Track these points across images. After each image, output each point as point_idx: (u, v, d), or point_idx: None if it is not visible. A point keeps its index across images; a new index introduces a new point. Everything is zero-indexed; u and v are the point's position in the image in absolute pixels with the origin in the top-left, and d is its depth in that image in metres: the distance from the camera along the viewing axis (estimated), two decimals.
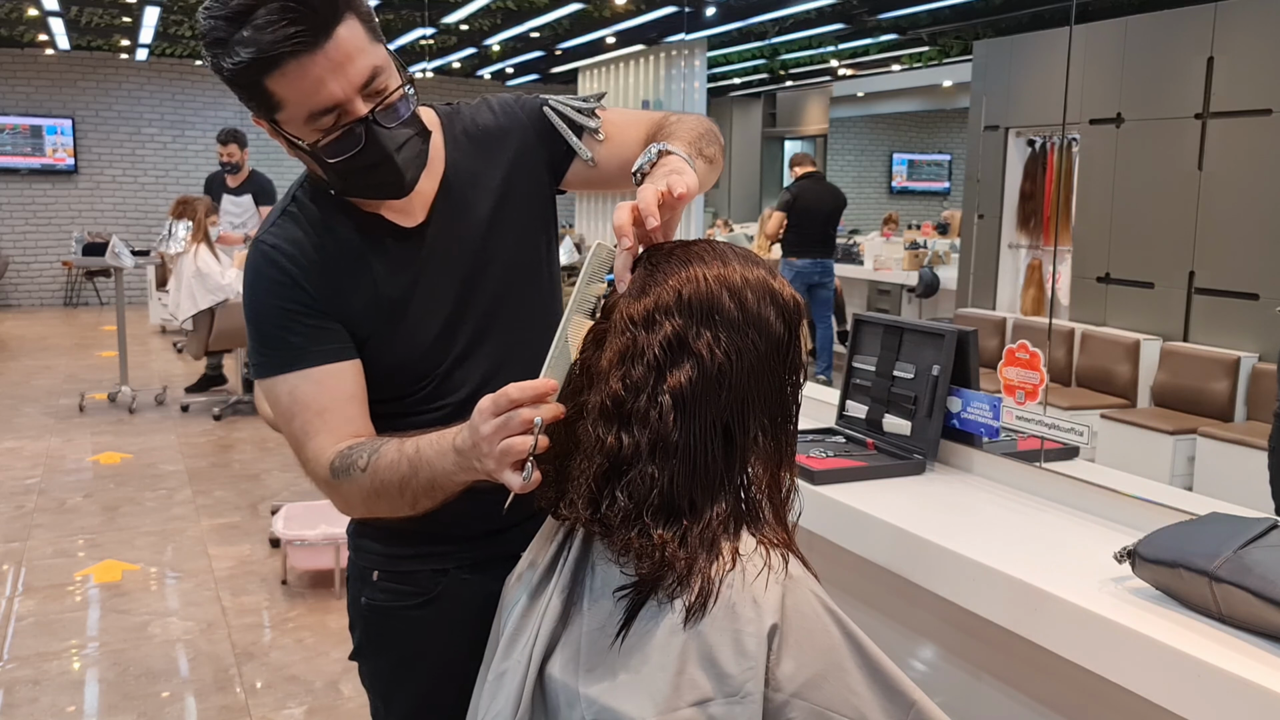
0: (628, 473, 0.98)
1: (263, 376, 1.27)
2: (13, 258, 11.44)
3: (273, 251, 1.25)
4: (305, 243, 1.25)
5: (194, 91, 11.87)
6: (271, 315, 1.24)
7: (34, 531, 4.34)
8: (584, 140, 1.38)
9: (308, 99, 1.12)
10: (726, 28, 8.11)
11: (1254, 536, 1.19)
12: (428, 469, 1.12)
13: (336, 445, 1.22)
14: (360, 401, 1.26)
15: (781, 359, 1.03)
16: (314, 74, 1.11)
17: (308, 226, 1.26)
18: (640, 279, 1.05)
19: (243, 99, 1.16)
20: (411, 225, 1.29)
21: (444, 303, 1.29)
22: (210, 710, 2.93)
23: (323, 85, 1.11)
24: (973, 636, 1.61)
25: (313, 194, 1.29)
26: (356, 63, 1.13)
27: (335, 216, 1.27)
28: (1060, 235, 5.40)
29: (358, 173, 1.19)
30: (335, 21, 1.10)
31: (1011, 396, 1.79)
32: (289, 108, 1.14)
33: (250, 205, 6.78)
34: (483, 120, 1.37)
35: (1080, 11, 4.75)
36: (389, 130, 1.17)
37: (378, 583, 1.38)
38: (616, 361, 1.01)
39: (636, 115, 1.41)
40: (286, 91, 1.12)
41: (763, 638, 0.94)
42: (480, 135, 1.35)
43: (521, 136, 1.37)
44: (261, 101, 1.14)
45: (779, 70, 10.61)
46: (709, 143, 1.30)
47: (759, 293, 1.02)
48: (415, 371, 1.29)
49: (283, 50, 1.09)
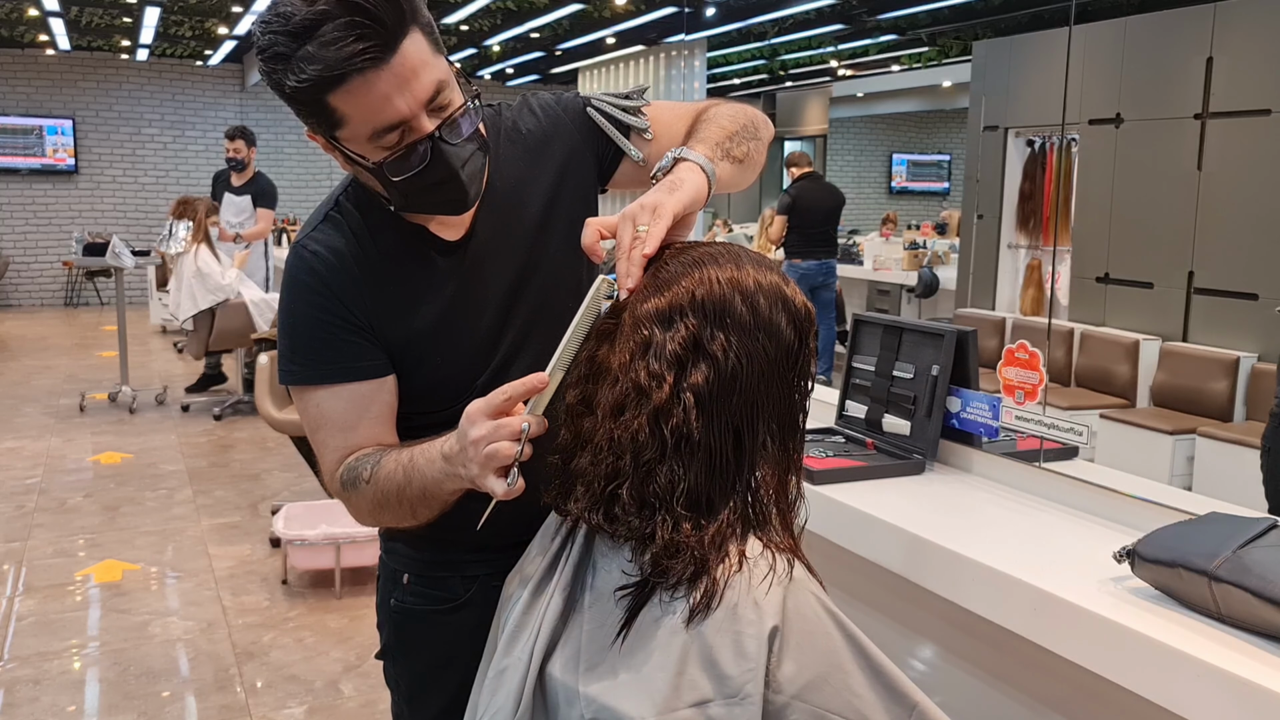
0: (650, 467, 0.98)
1: (291, 384, 1.24)
2: (13, 258, 11.44)
3: (313, 259, 1.21)
4: (346, 252, 1.22)
5: (194, 91, 11.87)
6: (307, 324, 1.21)
7: (34, 531, 4.34)
8: (633, 140, 1.33)
9: (373, 116, 1.08)
10: (726, 28, 8.11)
11: (1253, 536, 1.19)
12: (420, 477, 1.11)
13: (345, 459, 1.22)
14: (386, 420, 1.24)
15: (791, 365, 1.03)
16: (380, 90, 1.07)
17: (350, 234, 1.23)
18: (653, 277, 1.05)
19: (301, 115, 1.12)
20: (455, 239, 1.26)
21: (486, 315, 1.26)
22: (210, 710, 2.93)
23: (388, 102, 1.08)
24: (973, 636, 1.61)
25: (357, 200, 1.25)
26: (422, 77, 1.09)
27: (379, 227, 1.23)
28: (1059, 235, 5.41)
29: (421, 191, 1.16)
30: (401, 35, 1.07)
31: (1011, 396, 1.79)
32: (352, 124, 1.10)
33: (249, 206, 6.78)
34: (525, 124, 1.32)
35: (1080, 11, 4.76)
36: (454, 147, 1.14)
37: (408, 586, 1.36)
38: (636, 355, 1.00)
39: (679, 109, 1.36)
40: (350, 108, 1.08)
41: (763, 640, 0.94)
42: (523, 140, 1.31)
43: (567, 140, 1.32)
44: (323, 118, 1.10)
45: (779, 70, 10.61)
46: (741, 140, 1.26)
47: (771, 298, 1.02)
48: (456, 385, 1.25)
49: (350, 68, 1.05)
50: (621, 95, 1.35)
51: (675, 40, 7.94)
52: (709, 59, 8.22)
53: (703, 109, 1.32)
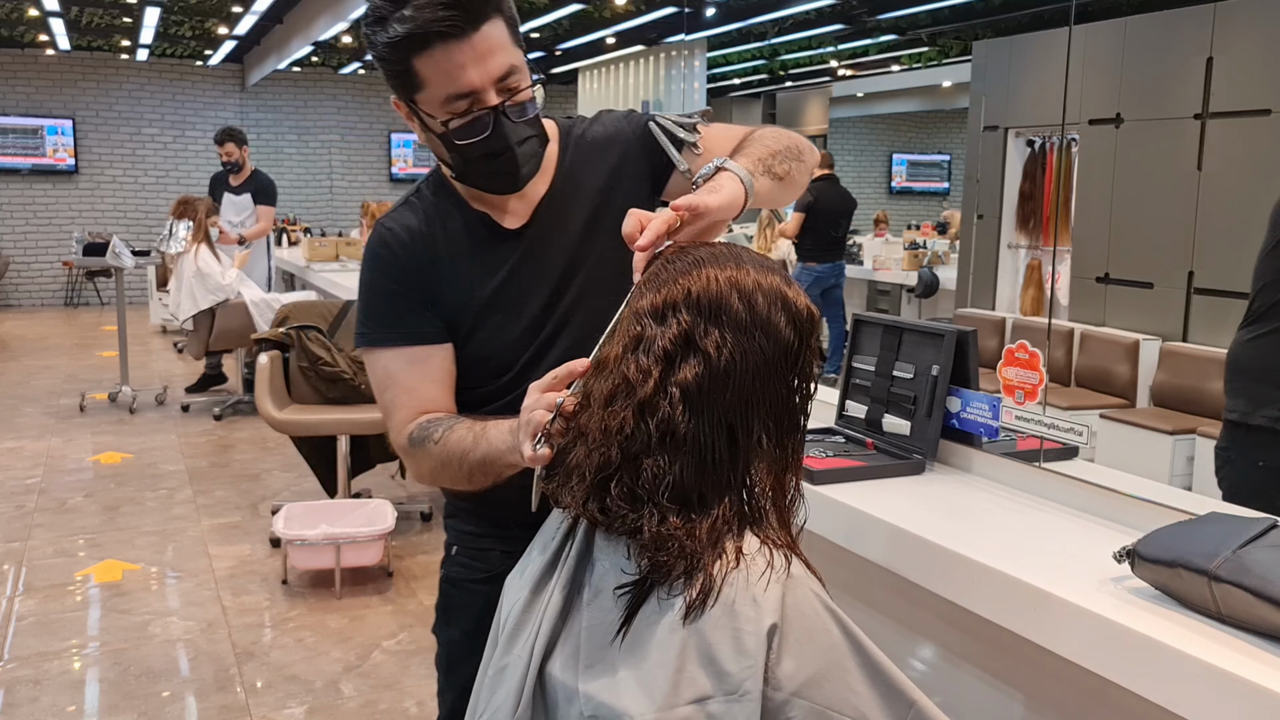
0: (637, 460, 0.99)
1: (363, 346, 1.39)
2: (13, 258, 11.44)
3: (389, 235, 1.37)
4: (418, 232, 1.37)
5: (194, 91, 11.87)
6: (378, 291, 1.37)
7: (34, 531, 4.34)
8: (683, 154, 1.45)
9: (448, 82, 1.23)
10: (726, 28, 8.11)
11: (1253, 536, 1.19)
12: (485, 445, 1.22)
13: (417, 419, 1.33)
14: (444, 384, 1.37)
15: (790, 366, 1.03)
16: (457, 60, 1.22)
17: (423, 216, 1.38)
18: (654, 274, 1.06)
19: (390, 78, 1.28)
20: (514, 227, 1.39)
21: (534, 300, 1.38)
22: (210, 710, 2.94)
23: (463, 71, 1.23)
24: (973, 636, 1.61)
25: (435, 188, 1.41)
26: (496, 57, 1.24)
27: (449, 211, 1.39)
28: (1060, 235, 5.40)
29: (479, 160, 1.30)
30: (484, 18, 1.23)
31: (1011, 396, 1.79)
32: (430, 88, 1.25)
33: (249, 205, 6.78)
34: (593, 132, 1.46)
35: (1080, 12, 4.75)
36: (514, 124, 1.28)
37: (455, 557, 1.50)
38: (629, 349, 1.03)
39: (732, 130, 1.47)
40: (430, 72, 1.23)
41: (762, 636, 0.94)
42: (589, 145, 1.44)
43: (625, 148, 1.45)
44: (406, 80, 1.26)
45: (779, 70, 10.60)
46: (784, 159, 1.35)
47: (770, 298, 1.03)
48: (500, 362, 1.38)
49: (434, 29, 1.20)
50: (685, 115, 1.49)
51: (675, 40, 7.95)
52: (709, 59, 8.22)
53: (750, 132, 1.43)
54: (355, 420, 4.17)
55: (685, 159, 1.44)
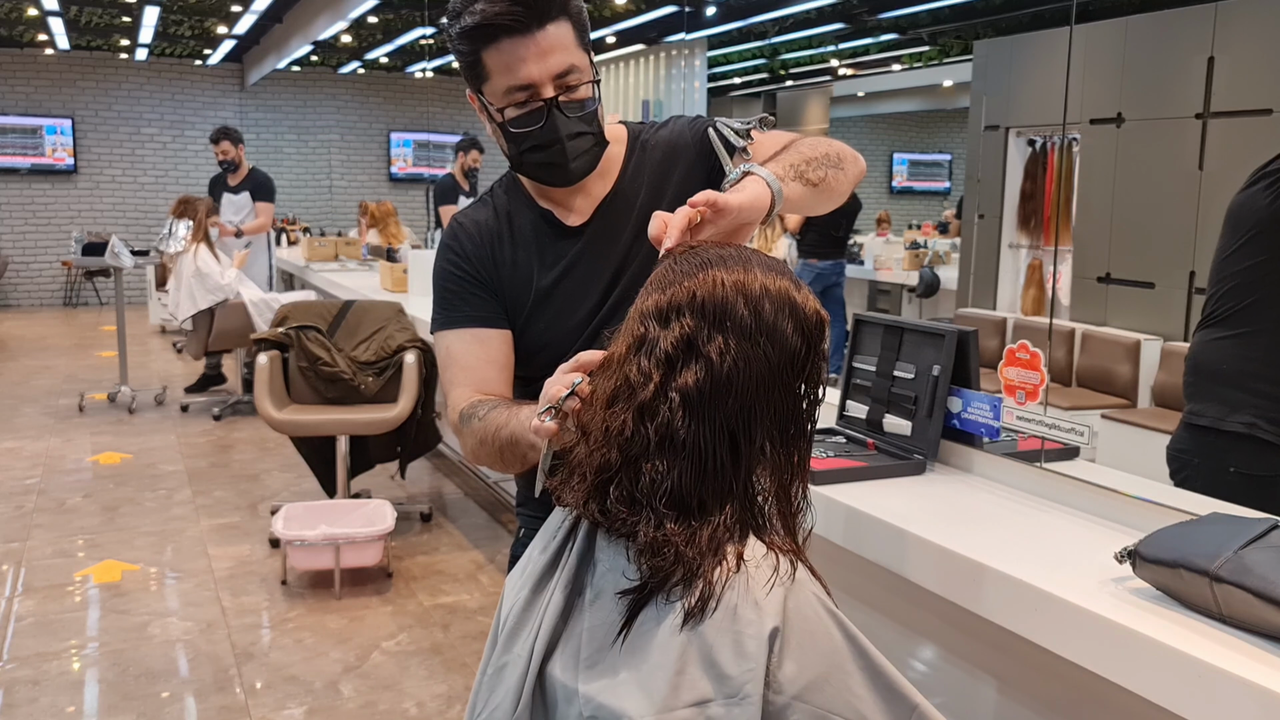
0: (636, 463, 0.98)
1: (433, 330, 1.48)
2: (12, 258, 11.44)
3: (459, 228, 1.47)
4: (487, 225, 1.46)
5: (194, 91, 11.87)
6: (448, 278, 1.46)
7: (34, 531, 4.34)
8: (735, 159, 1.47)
9: (510, 74, 1.32)
10: (726, 27, 8.11)
11: (1254, 537, 1.19)
12: (515, 423, 1.26)
13: (471, 397, 1.39)
14: (501, 366, 1.44)
15: (796, 372, 1.02)
16: (519, 54, 1.30)
17: (493, 211, 1.48)
18: (661, 274, 1.05)
19: (464, 69, 1.36)
20: (576, 224, 1.46)
21: (589, 295, 1.44)
22: (210, 710, 2.93)
23: (524, 65, 1.30)
24: (973, 637, 1.61)
25: (507, 187, 1.50)
26: (557, 55, 1.32)
27: (517, 208, 1.47)
28: (1061, 235, 5.40)
29: (531, 150, 1.37)
30: (549, 17, 1.30)
31: (1012, 397, 1.79)
32: (494, 79, 1.33)
33: (248, 203, 6.78)
34: (659, 137, 1.52)
35: (1080, 11, 4.75)
36: (567, 118, 1.35)
37: (522, 539, 1.54)
38: (631, 350, 1.01)
39: (779, 137, 1.50)
40: (495, 64, 1.32)
41: (763, 640, 0.93)
42: (654, 149, 1.51)
43: (686, 153, 1.50)
44: (476, 72, 1.34)
45: (779, 70, 10.60)
46: (819, 166, 1.38)
47: (777, 303, 1.01)
48: (554, 351, 1.39)
49: (500, 23, 1.28)
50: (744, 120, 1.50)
51: (675, 40, 7.94)
52: (709, 58, 8.20)
53: (797, 137, 1.46)
54: (355, 420, 4.16)
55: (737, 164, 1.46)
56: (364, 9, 7.13)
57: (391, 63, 11.90)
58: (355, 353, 4.36)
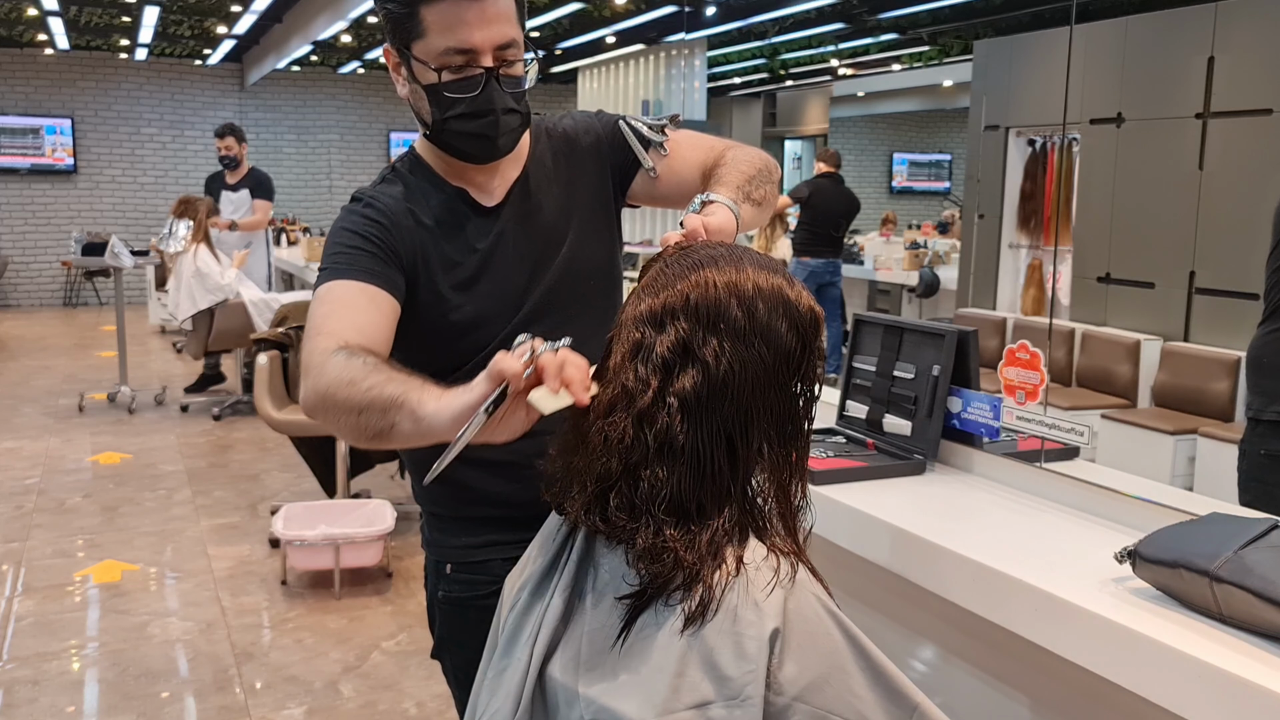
0: (636, 471, 0.98)
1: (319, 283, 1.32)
2: (12, 258, 11.43)
3: (372, 200, 1.38)
4: (401, 202, 1.38)
5: (193, 91, 11.86)
6: (346, 238, 1.34)
7: (33, 531, 4.34)
8: (650, 153, 1.50)
9: (450, 34, 1.27)
10: (726, 27, 8.10)
11: (1254, 537, 1.19)
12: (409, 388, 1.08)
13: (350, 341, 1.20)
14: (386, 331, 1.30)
15: (793, 371, 1.02)
16: (464, 16, 1.26)
17: (404, 189, 1.40)
18: (653, 278, 1.05)
19: (390, 21, 1.31)
20: (492, 205, 1.42)
21: (511, 279, 1.40)
22: (210, 710, 2.93)
23: (468, 28, 1.27)
24: (973, 636, 1.61)
25: (411, 166, 1.44)
26: (500, 26, 1.29)
27: (426, 188, 1.41)
28: (1060, 235, 5.40)
29: (461, 118, 1.33)
30: None
31: (1012, 397, 1.79)
32: (430, 37, 1.29)
33: (246, 200, 6.78)
34: (564, 125, 1.51)
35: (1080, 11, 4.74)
36: (503, 91, 1.32)
37: (451, 575, 1.44)
38: (628, 357, 1.01)
39: (700, 139, 1.53)
40: (435, 21, 1.27)
41: (764, 641, 0.93)
42: (560, 136, 1.50)
43: (594, 144, 1.50)
44: (408, 26, 1.29)
45: (779, 70, 10.60)
46: (759, 184, 1.40)
47: (771, 303, 1.01)
48: (479, 337, 1.37)
49: None
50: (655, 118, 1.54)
51: (675, 39, 7.94)
52: (709, 58, 8.21)
53: (723, 150, 1.48)
54: None
55: (653, 159, 1.49)
56: (364, 9, 7.12)
57: None
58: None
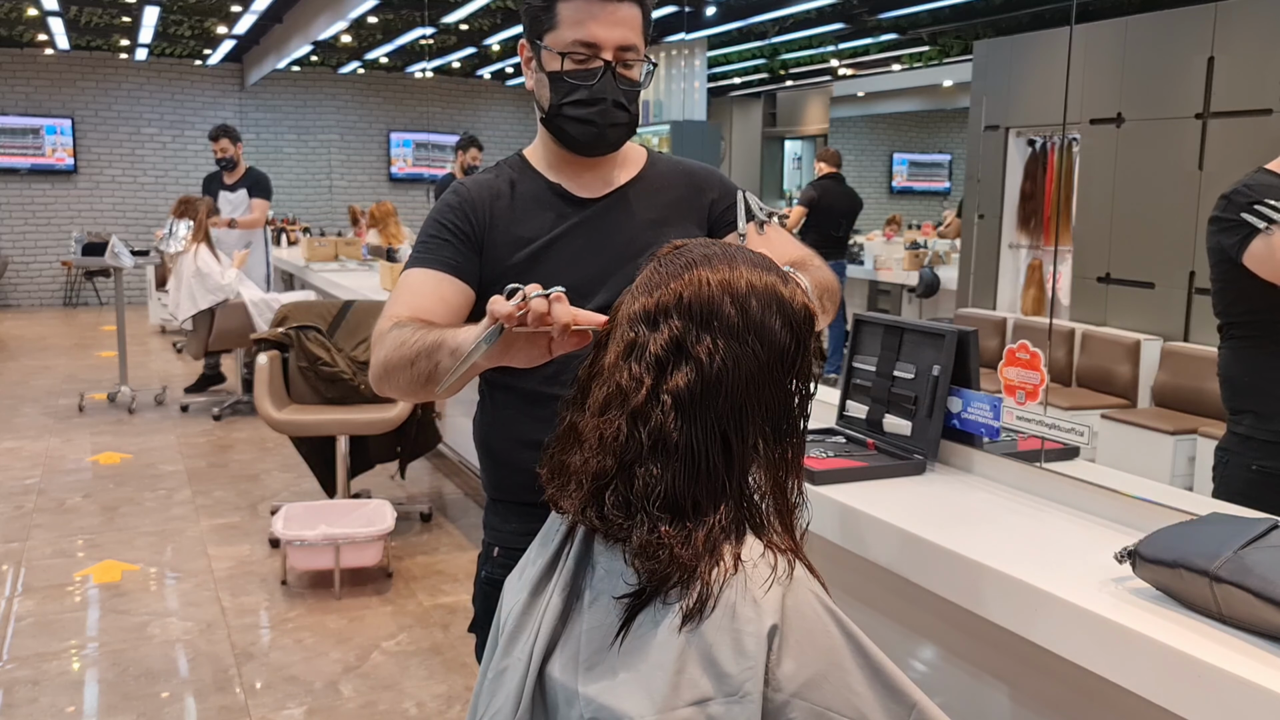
0: (631, 468, 0.98)
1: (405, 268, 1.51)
2: (12, 258, 11.43)
3: (460, 187, 1.53)
4: (488, 184, 1.52)
5: (193, 91, 11.87)
6: (430, 228, 1.51)
7: (33, 532, 4.34)
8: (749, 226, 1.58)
9: (580, 28, 1.42)
10: (726, 27, 8.10)
11: (1254, 537, 1.19)
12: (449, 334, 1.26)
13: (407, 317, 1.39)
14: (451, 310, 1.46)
15: (787, 368, 1.02)
16: (596, 13, 1.42)
17: (497, 174, 1.55)
18: (647, 276, 1.05)
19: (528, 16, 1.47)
20: (583, 196, 1.53)
21: (580, 268, 1.48)
22: (210, 710, 2.93)
23: (596, 24, 1.42)
24: (973, 636, 1.61)
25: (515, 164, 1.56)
26: (624, 30, 1.44)
27: (526, 178, 1.54)
28: (1060, 235, 5.40)
29: (574, 104, 1.45)
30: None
31: (1012, 397, 1.79)
32: (562, 29, 1.43)
33: (244, 200, 6.78)
34: (688, 163, 1.65)
35: (1080, 11, 4.75)
36: (618, 86, 1.45)
37: (497, 558, 1.54)
38: (622, 355, 1.01)
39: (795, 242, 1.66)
40: (568, 16, 1.42)
41: (762, 638, 0.93)
42: (680, 167, 1.64)
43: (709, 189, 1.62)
44: (545, 19, 1.45)
45: (779, 70, 10.61)
46: (830, 298, 1.50)
47: (764, 300, 1.01)
48: None
49: None
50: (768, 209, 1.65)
51: (675, 39, 7.94)
52: (709, 58, 8.21)
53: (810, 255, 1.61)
54: (355, 420, 4.16)
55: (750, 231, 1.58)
56: (364, 9, 7.13)
57: (391, 63, 11.89)
58: (355, 353, 4.36)
